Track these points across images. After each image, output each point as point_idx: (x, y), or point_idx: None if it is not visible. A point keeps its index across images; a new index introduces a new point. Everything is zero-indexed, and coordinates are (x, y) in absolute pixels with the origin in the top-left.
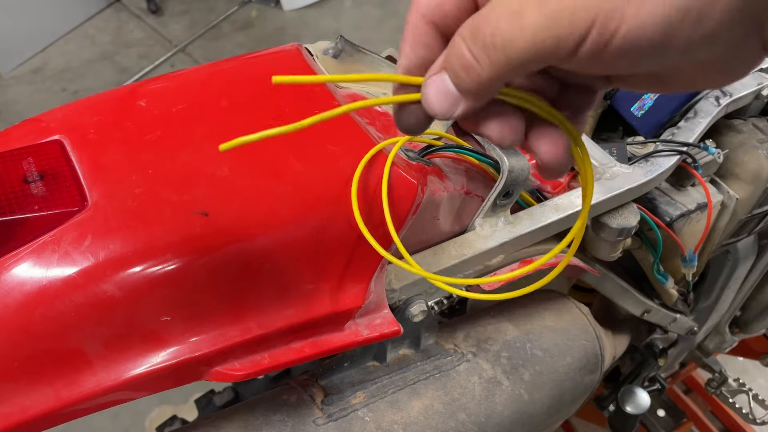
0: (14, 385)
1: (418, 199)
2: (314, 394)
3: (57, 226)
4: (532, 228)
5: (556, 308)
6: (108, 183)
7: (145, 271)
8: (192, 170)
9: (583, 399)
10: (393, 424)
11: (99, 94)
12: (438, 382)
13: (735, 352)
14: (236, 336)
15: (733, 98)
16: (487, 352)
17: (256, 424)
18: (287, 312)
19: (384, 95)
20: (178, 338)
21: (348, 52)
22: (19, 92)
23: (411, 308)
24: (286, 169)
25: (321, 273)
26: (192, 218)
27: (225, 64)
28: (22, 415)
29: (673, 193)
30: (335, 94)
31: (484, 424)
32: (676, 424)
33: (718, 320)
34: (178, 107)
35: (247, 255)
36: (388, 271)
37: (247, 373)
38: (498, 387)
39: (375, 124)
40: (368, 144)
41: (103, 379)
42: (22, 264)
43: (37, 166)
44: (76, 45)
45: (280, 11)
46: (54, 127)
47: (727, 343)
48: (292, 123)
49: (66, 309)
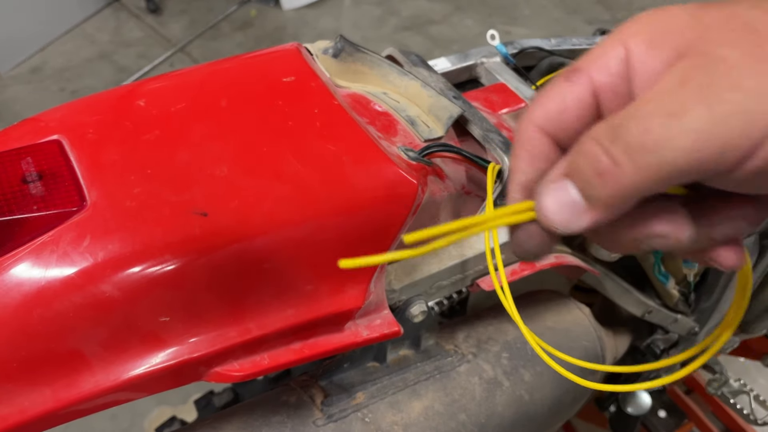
0: (13, 385)
1: (418, 199)
2: (314, 394)
3: (56, 227)
4: None
5: (557, 309)
6: (107, 183)
7: (144, 271)
8: (191, 170)
9: (583, 400)
10: (393, 425)
11: (98, 93)
12: (438, 383)
13: (736, 352)
14: (236, 337)
15: None
16: (487, 352)
17: (255, 425)
18: (287, 312)
19: (385, 94)
20: (177, 339)
21: (348, 51)
22: (17, 92)
23: (411, 309)
24: (286, 169)
25: (320, 273)
26: (191, 218)
27: (224, 64)
28: (20, 416)
29: None
30: (335, 94)
31: (485, 425)
32: (677, 424)
33: (719, 321)
34: (177, 107)
35: (247, 255)
36: (388, 271)
37: (246, 373)
38: (498, 388)
39: (375, 124)
40: (368, 144)
41: (101, 379)
42: (20, 264)
43: (35, 166)
44: (75, 44)
45: (279, 10)
46: (53, 126)
47: (728, 343)
48: (291, 123)
49: (65, 309)
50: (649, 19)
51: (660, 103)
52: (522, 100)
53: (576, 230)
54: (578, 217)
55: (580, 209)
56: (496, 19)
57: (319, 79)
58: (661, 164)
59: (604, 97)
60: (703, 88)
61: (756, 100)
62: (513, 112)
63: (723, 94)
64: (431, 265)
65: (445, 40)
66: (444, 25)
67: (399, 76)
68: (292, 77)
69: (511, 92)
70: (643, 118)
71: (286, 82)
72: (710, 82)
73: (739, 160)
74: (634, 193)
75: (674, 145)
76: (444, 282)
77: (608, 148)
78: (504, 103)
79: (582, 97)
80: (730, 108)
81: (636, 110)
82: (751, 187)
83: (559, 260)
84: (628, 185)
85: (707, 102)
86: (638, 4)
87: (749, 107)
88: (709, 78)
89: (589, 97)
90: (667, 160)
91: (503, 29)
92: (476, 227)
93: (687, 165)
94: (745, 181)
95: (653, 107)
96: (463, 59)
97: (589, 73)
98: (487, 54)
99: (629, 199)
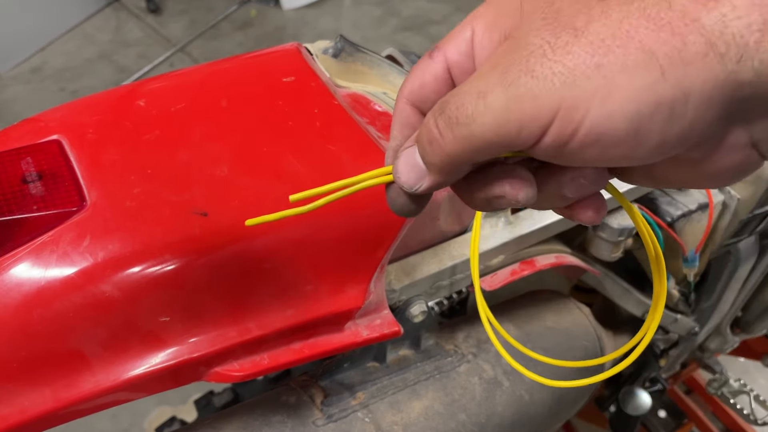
0: (13, 385)
1: None
2: (314, 394)
3: (56, 227)
4: (533, 228)
5: (557, 309)
6: (107, 183)
7: (144, 271)
8: (191, 170)
9: (583, 400)
10: (393, 425)
11: (98, 93)
12: (438, 383)
13: (736, 352)
14: (235, 337)
15: None
16: (487, 352)
17: (255, 425)
18: (287, 313)
19: (385, 94)
20: (177, 339)
21: (347, 51)
22: (17, 92)
23: (411, 309)
24: (286, 169)
25: (321, 273)
26: (191, 218)
27: (224, 64)
28: (21, 415)
29: (675, 192)
30: (335, 94)
31: (485, 425)
32: (677, 424)
33: (720, 321)
34: (177, 107)
35: (247, 255)
36: (388, 271)
37: (246, 373)
38: (498, 388)
39: (375, 124)
40: (368, 144)
41: (101, 379)
42: (20, 264)
43: (35, 166)
44: (75, 44)
45: (279, 10)
46: (53, 126)
47: (728, 343)
48: (291, 123)
49: (65, 309)
50: (493, 3)
51: (474, 83)
52: None
53: (423, 190)
54: (421, 179)
55: (422, 172)
56: None
57: (319, 79)
58: (472, 136)
59: (454, 72)
60: (506, 71)
61: (545, 85)
62: None
63: (519, 78)
64: (431, 265)
65: None
66: (444, 26)
67: (399, 76)
68: (292, 77)
69: None
70: (460, 95)
71: (286, 82)
72: (511, 66)
73: (536, 137)
74: (458, 160)
75: (480, 121)
76: (444, 282)
77: (436, 120)
78: None
79: (438, 73)
80: (523, 92)
81: (459, 88)
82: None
83: (559, 260)
84: (450, 152)
85: (505, 84)
86: None
87: (538, 92)
88: (511, 62)
89: (443, 72)
90: (475, 133)
91: None
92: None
93: (493, 138)
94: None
95: (469, 86)
96: None
97: (444, 52)
98: None
99: (457, 165)
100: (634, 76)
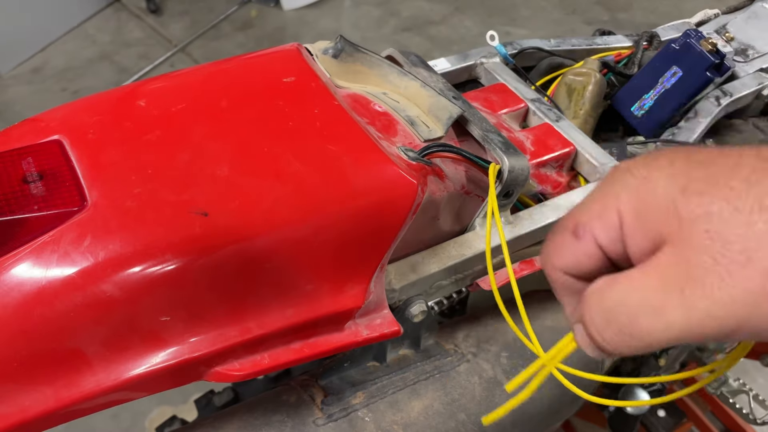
0: (14, 385)
1: (418, 199)
2: (314, 394)
3: (56, 226)
4: (533, 228)
5: (556, 308)
6: (107, 183)
7: (145, 271)
8: (191, 170)
9: (583, 399)
10: (393, 424)
11: (98, 93)
12: (438, 383)
13: None
14: (236, 336)
15: (734, 98)
16: (487, 352)
17: (255, 425)
18: (287, 312)
19: (385, 94)
20: (177, 338)
21: (348, 51)
22: (18, 92)
23: (411, 308)
24: (286, 169)
25: (321, 273)
26: (191, 218)
27: (225, 64)
28: (21, 415)
29: None
30: (335, 94)
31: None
32: (676, 424)
33: None
34: (177, 107)
35: (247, 255)
36: (388, 271)
37: (246, 373)
38: (498, 387)
39: (375, 124)
40: (368, 144)
41: (102, 379)
42: (21, 264)
43: (36, 166)
44: (76, 45)
45: (279, 11)
46: (53, 126)
47: (727, 343)
48: (292, 123)
49: (65, 309)
50: (638, 190)
51: (647, 295)
52: (521, 101)
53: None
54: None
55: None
56: (496, 19)
57: (320, 80)
58: (645, 347)
59: (606, 249)
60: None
61: (724, 309)
62: (512, 112)
63: (699, 303)
64: (431, 265)
65: (445, 41)
66: (443, 26)
67: (399, 76)
68: (293, 78)
69: (511, 92)
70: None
71: (286, 83)
72: (686, 286)
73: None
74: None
75: (658, 338)
76: (444, 282)
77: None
78: (503, 103)
79: (590, 252)
80: (704, 315)
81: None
82: None
83: None
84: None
85: (685, 307)
86: (638, 5)
87: (719, 315)
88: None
89: (596, 251)
90: (651, 345)
91: (503, 30)
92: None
93: (669, 344)
94: None
95: (640, 298)
96: (462, 60)
97: (592, 231)
98: (487, 54)
99: None
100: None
